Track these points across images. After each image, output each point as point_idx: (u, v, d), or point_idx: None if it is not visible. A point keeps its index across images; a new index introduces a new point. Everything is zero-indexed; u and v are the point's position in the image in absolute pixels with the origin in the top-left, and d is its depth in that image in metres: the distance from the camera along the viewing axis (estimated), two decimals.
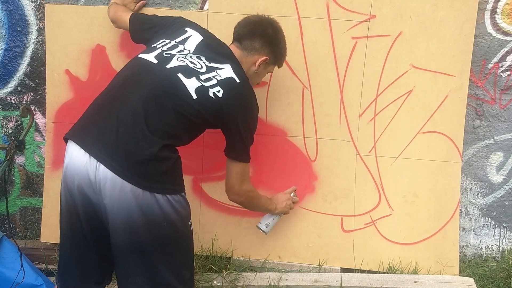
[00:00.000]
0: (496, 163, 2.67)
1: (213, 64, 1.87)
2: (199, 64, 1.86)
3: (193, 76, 1.81)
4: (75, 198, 1.74)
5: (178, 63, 1.84)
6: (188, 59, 1.86)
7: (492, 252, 2.77)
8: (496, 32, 2.53)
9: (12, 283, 2.14)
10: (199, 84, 1.80)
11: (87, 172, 1.69)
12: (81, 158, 1.70)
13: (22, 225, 2.86)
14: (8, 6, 2.61)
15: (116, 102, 1.77)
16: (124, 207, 1.65)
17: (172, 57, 1.86)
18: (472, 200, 2.72)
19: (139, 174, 1.67)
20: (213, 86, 1.81)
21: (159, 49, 1.90)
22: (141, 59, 1.89)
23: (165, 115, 1.74)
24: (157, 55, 1.87)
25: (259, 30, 2.01)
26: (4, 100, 2.73)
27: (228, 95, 1.83)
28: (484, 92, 2.60)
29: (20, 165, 2.80)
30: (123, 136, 1.69)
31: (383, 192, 2.55)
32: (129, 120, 1.71)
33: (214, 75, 1.84)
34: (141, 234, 1.68)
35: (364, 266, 2.56)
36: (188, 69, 1.82)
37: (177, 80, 1.79)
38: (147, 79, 1.80)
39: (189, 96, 1.78)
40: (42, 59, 2.64)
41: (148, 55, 1.89)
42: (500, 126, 2.62)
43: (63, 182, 1.79)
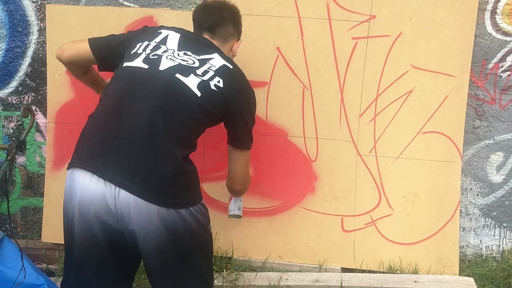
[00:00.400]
0: (496, 163, 2.67)
1: (202, 56, 1.78)
2: (190, 59, 1.76)
3: (190, 73, 1.71)
4: (94, 228, 1.62)
5: (170, 63, 1.72)
6: (178, 58, 1.75)
7: (492, 252, 2.78)
8: (496, 33, 2.53)
9: (13, 282, 2.14)
10: (199, 79, 1.71)
11: (105, 200, 1.57)
12: (95, 186, 1.57)
13: (23, 225, 2.87)
14: (9, 7, 2.61)
15: (121, 119, 1.63)
16: (153, 231, 1.58)
17: (161, 58, 1.74)
18: (472, 200, 2.72)
19: (163, 193, 1.59)
20: (212, 78, 1.73)
21: (142, 53, 1.77)
22: (129, 68, 1.75)
23: (179, 123, 1.65)
24: (144, 59, 1.74)
25: (228, 14, 1.97)
26: (5, 100, 2.74)
27: (229, 83, 1.77)
28: (484, 92, 2.60)
29: (21, 165, 2.80)
30: (140, 155, 1.59)
31: (383, 192, 2.55)
32: (144, 136, 1.60)
33: (209, 67, 1.76)
34: (169, 251, 1.64)
35: (364, 266, 2.56)
36: (183, 67, 1.72)
37: (177, 82, 1.69)
38: (146, 87, 1.68)
39: (194, 95, 1.69)
40: (43, 60, 2.64)
41: (134, 62, 1.75)
42: (500, 126, 2.62)
43: (77, 214, 1.64)
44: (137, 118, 1.62)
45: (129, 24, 2.52)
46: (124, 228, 1.60)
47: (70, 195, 1.65)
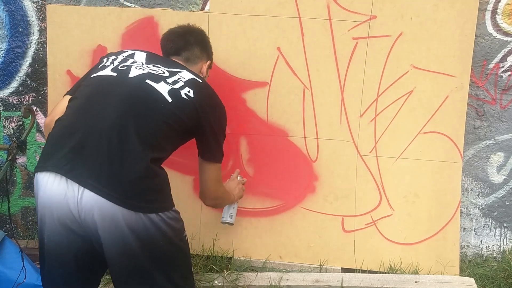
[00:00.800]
0: (496, 163, 2.67)
1: (171, 68, 1.82)
2: (160, 70, 1.78)
3: (160, 80, 1.72)
4: (59, 232, 1.58)
5: (140, 71, 1.74)
6: (147, 68, 1.77)
7: (493, 252, 2.77)
8: (496, 33, 2.53)
9: (13, 283, 2.14)
10: (170, 87, 1.72)
11: (67, 204, 1.52)
12: (57, 186, 1.52)
13: (24, 225, 2.87)
14: (9, 7, 2.62)
15: (89, 122, 1.60)
16: (118, 235, 1.52)
17: (130, 68, 1.75)
18: (473, 200, 2.72)
19: (130, 195, 1.53)
20: (182, 87, 1.74)
21: (110, 65, 1.79)
22: (97, 77, 1.76)
23: (147, 126, 1.63)
24: (112, 69, 1.76)
25: (193, 39, 2.03)
26: (5, 100, 2.74)
27: (198, 94, 1.77)
28: (484, 93, 2.60)
29: (21, 165, 2.80)
30: (107, 155, 1.54)
31: (383, 192, 2.55)
32: (112, 137, 1.56)
33: (179, 77, 1.78)
34: (139, 257, 1.58)
35: (365, 266, 2.56)
36: (153, 75, 1.73)
37: (148, 87, 1.69)
38: (115, 91, 1.68)
39: (165, 100, 1.68)
40: (44, 60, 2.65)
41: (101, 71, 1.77)
42: (501, 127, 2.62)
43: (40, 220, 1.62)
44: (106, 120, 1.59)
45: (129, 24, 2.53)
46: (88, 233, 1.55)
47: (36, 199, 1.63)
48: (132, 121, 1.60)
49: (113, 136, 1.56)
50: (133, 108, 1.63)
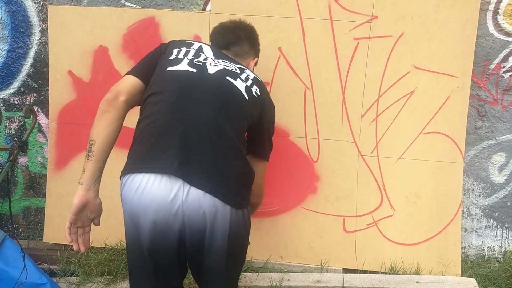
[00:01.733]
0: (498, 163, 2.67)
1: (238, 65, 1.78)
2: (231, 66, 1.74)
3: (237, 77, 1.70)
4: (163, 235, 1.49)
5: (216, 67, 1.69)
6: (220, 64, 1.72)
7: (494, 253, 2.77)
8: (498, 33, 2.52)
9: (16, 281, 2.14)
10: (244, 84, 1.71)
11: (171, 202, 1.46)
12: (163, 186, 1.45)
13: (25, 225, 2.87)
14: (11, 7, 2.62)
15: (187, 120, 1.54)
16: (223, 232, 1.50)
17: (205, 64, 1.69)
18: (474, 201, 2.72)
19: (234, 191, 1.53)
20: (252, 85, 1.74)
21: (185, 59, 1.69)
22: (176, 71, 1.65)
23: (238, 122, 1.62)
24: (188, 63, 1.68)
25: (243, 34, 1.99)
26: (7, 101, 2.74)
27: (263, 93, 1.79)
28: (486, 93, 2.60)
29: (23, 165, 2.81)
30: (212, 152, 1.51)
31: (385, 193, 2.55)
32: (212, 134, 1.53)
33: (247, 75, 1.76)
34: (229, 251, 1.55)
35: (366, 266, 2.56)
36: (229, 71, 1.70)
37: (229, 84, 1.66)
38: (202, 89, 1.61)
39: (244, 97, 1.67)
40: (45, 60, 2.65)
41: (178, 66, 1.67)
42: (502, 127, 2.62)
43: (133, 224, 1.51)
44: (203, 118, 1.55)
45: (131, 25, 2.53)
46: (189, 229, 1.49)
47: (128, 201, 1.51)
48: (226, 118, 1.58)
49: (213, 133, 1.54)
50: (225, 105, 1.61)
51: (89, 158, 1.52)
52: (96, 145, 1.52)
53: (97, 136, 1.53)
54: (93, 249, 2.60)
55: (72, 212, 1.50)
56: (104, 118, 1.55)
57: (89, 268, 2.50)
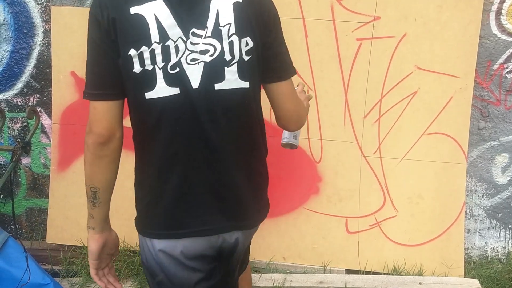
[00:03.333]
0: (501, 164, 2.66)
1: (208, 24, 1.27)
2: (207, 44, 1.27)
3: (222, 69, 1.29)
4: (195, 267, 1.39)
5: (196, 69, 1.27)
6: (196, 51, 1.27)
7: (498, 254, 2.76)
8: (501, 33, 2.52)
9: (19, 281, 2.15)
10: (234, 68, 1.30)
11: (208, 252, 1.38)
12: (200, 244, 1.35)
13: (28, 226, 2.87)
14: (14, 9, 2.63)
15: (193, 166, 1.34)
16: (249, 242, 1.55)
17: (182, 67, 1.27)
18: (477, 202, 2.71)
19: (265, 205, 1.54)
20: (240, 48, 1.30)
21: (156, 70, 1.26)
22: (158, 101, 1.29)
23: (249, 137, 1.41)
24: (165, 78, 1.27)
25: None
26: (10, 101, 2.75)
27: (253, 28, 1.32)
28: (489, 93, 2.59)
29: (26, 166, 2.81)
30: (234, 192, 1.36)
31: (387, 194, 2.55)
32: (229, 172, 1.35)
33: (228, 34, 1.28)
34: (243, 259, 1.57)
35: (368, 267, 2.55)
36: (211, 68, 1.28)
37: (224, 97, 1.30)
38: (196, 123, 1.31)
39: (245, 91, 1.33)
40: (48, 61, 2.66)
41: (155, 90, 1.28)
42: (506, 128, 2.61)
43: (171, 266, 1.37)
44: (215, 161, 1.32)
45: None
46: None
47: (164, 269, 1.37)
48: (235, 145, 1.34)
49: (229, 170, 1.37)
50: (230, 132, 1.32)
51: (95, 205, 1.37)
52: (101, 191, 1.35)
53: (99, 183, 1.33)
54: None
55: (93, 258, 1.40)
56: (104, 163, 1.31)
57: None
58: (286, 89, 1.43)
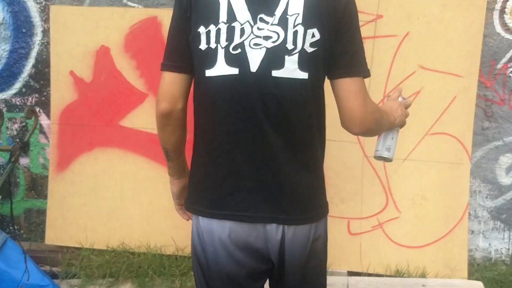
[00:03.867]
0: (505, 165, 2.64)
1: (276, 12, 1.31)
2: (272, 32, 1.30)
3: (283, 57, 1.31)
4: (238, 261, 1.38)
5: (257, 53, 1.31)
6: (260, 37, 1.30)
7: (502, 256, 2.74)
8: (505, 32, 2.50)
9: (18, 283, 2.14)
10: (295, 57, 1.31)
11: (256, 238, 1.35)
12: (245, 231, 1.33)
13: (27, 227, 2.86)
14: (13, 8, 2.61)
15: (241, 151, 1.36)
16: (302, 247, 1.40)
17: (244, 49, 1.32)
18: (481, 203, 2.69)
19: (315, 206, 1.44)
20: (304, 37, 1.30)
21: (218, 48, 1.33)
22: (217, 80, 1.35)
23: (301, 123, 1.41)
24: (225, 57, 1.33)
25: None
26: (9, 101, 2.73)
27: (323, 22, 1.32)
28: (493, 93, 2.57)
29: (24, 166, 2.80)
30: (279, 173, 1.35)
31: (390, 195, 2.53)
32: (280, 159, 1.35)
33: (294, 23, 1.30)
34: (307, 263, 1.44)
35: (371, 269, 2.53)
36: (272, 54, 1.30)
37: (280, 83, 1.33)
38: (251, 105, 1.35)
39: (303, 82, 1.34)
40: (47, 61, 2.64)
41: (215, 67, 1.34)
42: (510, 128, 2.59)
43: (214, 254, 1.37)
44: (257, 146, 1.33)
45: (133, 25, 2.52)
46: (269, 254, 1.38)
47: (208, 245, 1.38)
48: (289, 139, 1.36)
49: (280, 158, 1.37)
50: (286, 126, 1.34)
51: (169, 160, 1.48)
52: (171, 151, 1.46)
53: (168, 145, 1.44)
54: (95, 251, 2.59)
55: (175, 197, 1.55)
56: (169, 130, 1.40)
57: (91, 270, 2.49)
58: (352, 87, 1.41)
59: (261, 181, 1.33)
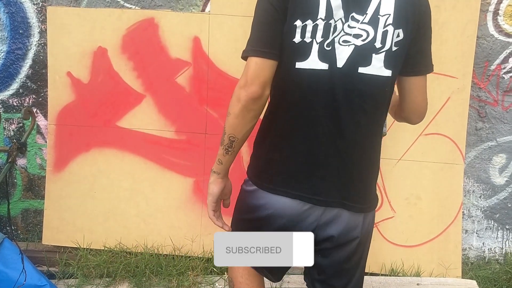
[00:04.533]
0: (499, 165, 2.66)
1: (368, 11, 1.36)
2: (362, 30, 1.37)
3: (371, 55, 1.38)
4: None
5: (346, 50, 1.38)
6: (350, 35, 1.37)
7: (495, 255, 2.76)
8: (498, 34, 2.52)
9: (15, 283, 2.14)
10: (382, 55, 1.38)
11: (310, 222, 1.45)
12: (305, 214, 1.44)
13: (24, 227, 2.86)
14: (10, 9, 2.61)
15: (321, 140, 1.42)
16: (351, 236, 1.48)
17: (334, 46, 1.38)
18: (475, 202, 2.71)
19: (366, 198, 1.50)
20: (392, 37, 1.37)
21: (313, 43, 1.38)
22: (306, 72, 1.39)
23: (377, 122, 1.49)
24: (319, 52, 1.39)
25: None
26: (6, 102, 2.73)
27: (409, 24, 1.38)
28: (486, 94, 2.59)
29: (22, 167, 2.80)
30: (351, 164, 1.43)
31: (385, 194, 2.54)
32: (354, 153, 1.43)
33: (385, 23, 1.37)
34: (355, 254, 1.53)
35: (366, 268, 2.54)
36: (361, 52, 1.37)
37: (364, 80, 1.39)
38: (335, 98, 1.40)
39: (385, 79, 1.41)
40: (44, 62, 2.64)
41: (308, 60, 1.39)
42: (503, 128, 2.61)
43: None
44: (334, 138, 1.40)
45: (130, 26, 2.52)
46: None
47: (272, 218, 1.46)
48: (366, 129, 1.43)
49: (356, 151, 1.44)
50: (365, 121, 1.41)
51: (228, 152, 1.46)
52: (238, 142, 1.45)
53: (240, 133, 1.43)
54: (92, 251, 2.59)
55: (213, 200, 1.52)
56: (249, 117, 1.40)
57: (88, 270, 2.49)
58: (421, 83, 1.52)
59: (335, 170, 1.41)
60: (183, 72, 2.54)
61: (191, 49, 2.51)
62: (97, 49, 2.55)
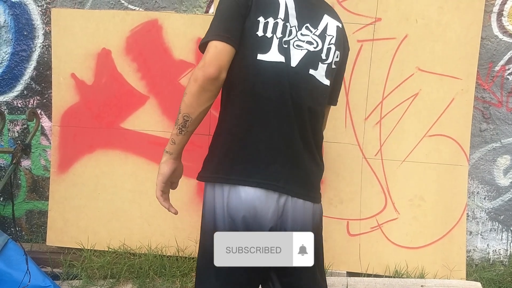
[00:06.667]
0: (503, 166, 2.65)
1: (319, 27, 1.58)
2: (313, 40, 1.56)
3: (318, 62, 1.57)
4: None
5: (299, 53, 1.54)
6: (303, 41, 1.55)
7: (500, 256, 2.75)
8: (502, 35, 2.51)
9: (19, 284, 2.14)
10: (325, 66, 1.59)
11: (273, 214, 1.49)
12: (269, 203, 1.49)
13: (28, 228, 2.87)
14: (14, 11, 2.63)
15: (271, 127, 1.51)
16: (305, 227, 1.54)
17: (289, 46, 1.54)
18: (479, 204, 2.70)
19: (316, 188, 1.60)
20: (333, 55, 1.61)
21: (273, 38, 1.52)
22: (267, 64, 1.51)
23: (320, 125, 1.64)
24: (278, 47, 1.52)
25: None
26: (10, 104, 2.74)
27: (342, 51, 1.66)
28: (491, 95, 2.58)
29: (26, 168, 2.81)
30: (302, 155, 1.54)
31: (389, 196, 2.54)
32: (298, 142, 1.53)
33: (329, 41, 1.60)
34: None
35: (370, 270, 2.54)
36: (311, 57, 1.55)
37: (313, 81, 1.56)
38: (286, 94, 1.52)
39: (326, 87, 1.60)
40: (48, 63, 2.65)
41: (268, 53, 1.51)
42: (507, 129, 2.60)
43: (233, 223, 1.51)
44: (289, 127, 1.52)
45: (133, 27, 2.53)
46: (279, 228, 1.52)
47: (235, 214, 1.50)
48: (308, 118, 1.55)
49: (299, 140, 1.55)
50: (306, 106, 1.54)
51: (182, 132, 1.53)
52: (192, 122, 1.51)
53: (193, 113, 1.49)
54: (96, 252, 2.60)
55: (163, 180, 1.57)
56: (205, 97, 1.47)
57: (92, 271, 2.49)
58: (328, 111, 1.80)
59: (284, 155, 1.51)
60: (186, 74, 2.54)
61: (194, 51, 2.51)
62: (101, 51, 2.56)
